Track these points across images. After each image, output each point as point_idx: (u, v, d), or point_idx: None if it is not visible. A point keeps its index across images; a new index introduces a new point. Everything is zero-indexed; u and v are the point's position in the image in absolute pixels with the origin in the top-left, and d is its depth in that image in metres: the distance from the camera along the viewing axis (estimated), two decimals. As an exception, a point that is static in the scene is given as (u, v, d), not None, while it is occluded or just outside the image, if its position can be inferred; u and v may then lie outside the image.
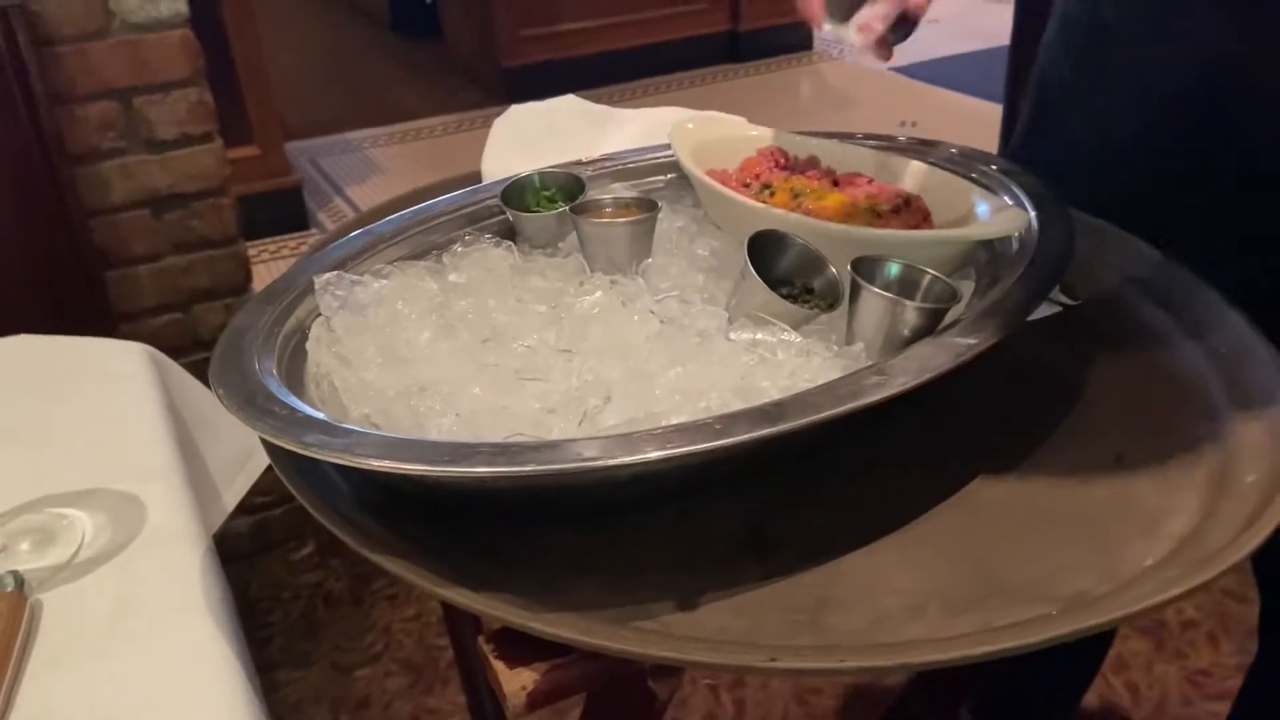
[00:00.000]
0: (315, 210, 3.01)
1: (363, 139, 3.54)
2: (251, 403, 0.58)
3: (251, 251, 2.01)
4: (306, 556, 1.72)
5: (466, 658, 0.82)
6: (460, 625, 0.78)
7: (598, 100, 1.07)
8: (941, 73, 3.55)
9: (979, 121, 2.98)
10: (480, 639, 0.54)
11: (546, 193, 0.82)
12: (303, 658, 1.59)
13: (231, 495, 0.85)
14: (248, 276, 1.62)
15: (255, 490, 0.89)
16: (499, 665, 0.52)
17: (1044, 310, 0.74)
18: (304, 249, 2.75)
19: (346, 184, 3.23)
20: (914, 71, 3.60)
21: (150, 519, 0.66)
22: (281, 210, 2.77)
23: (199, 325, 1.57)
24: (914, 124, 3.21)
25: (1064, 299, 0.76)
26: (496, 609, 0.50)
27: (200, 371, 0.96)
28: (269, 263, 2.71)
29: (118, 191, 1.47)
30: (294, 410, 0.57)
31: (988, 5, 4.16)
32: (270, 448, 0.58)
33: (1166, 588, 0.49)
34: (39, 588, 0.60)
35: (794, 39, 4.10)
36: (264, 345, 0.64)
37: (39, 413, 0.77)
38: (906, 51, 0.72)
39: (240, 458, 0.86)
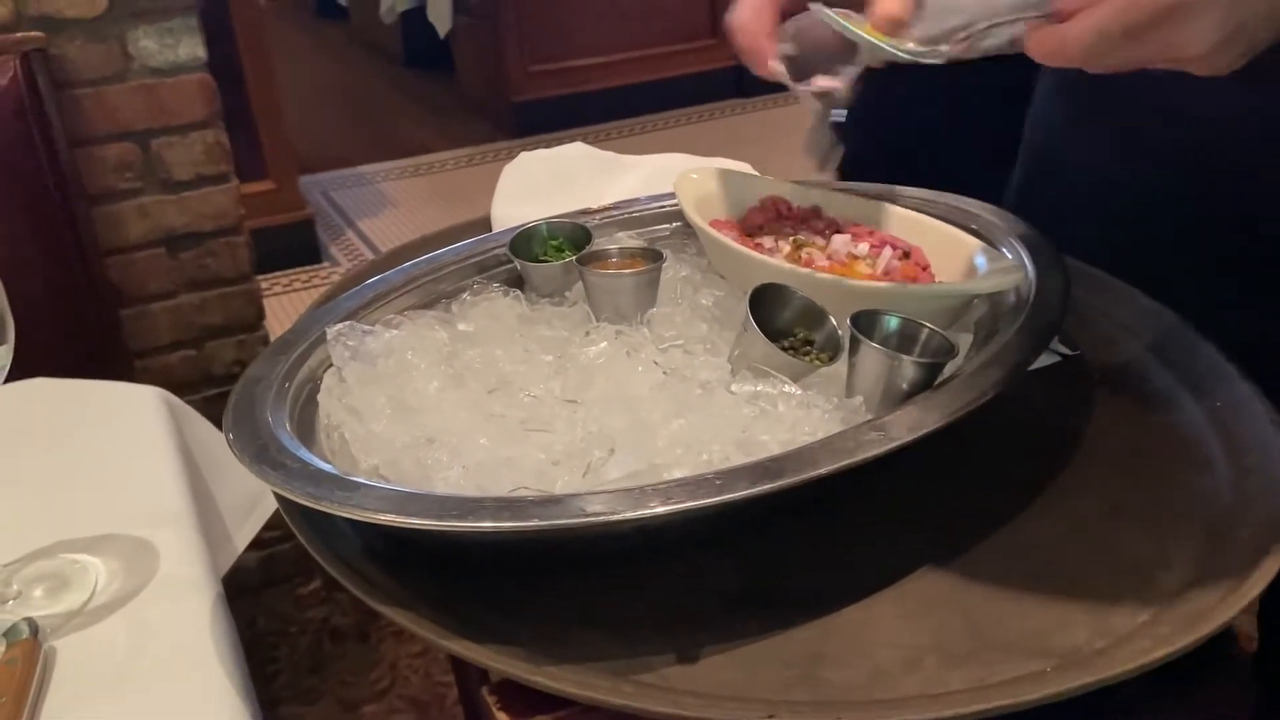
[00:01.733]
0: (327, 243, 3.05)
1: (375, 172, 3.58)
2: (263, 455, 0.59)
3: (264, 284, 2.04)
4: (313, 591, 1.73)
5: (471, 701, 0.83)
6: (465, 669, 0.79)
7: (606, 134, 1.10)
8: (948, 109, 3.57)
9: (985, 158, 2.99)
10: (484, 690, 0.55)
11: (554, 241, 0.84)
12: (308, 693, 1.60)
13: (242, 537, 0.87)
14: (260, 313, 1.64)
15: (264, 525, 0.90)
16: (502, 717, 0.53)
17: (1042, 360, 0.75)
18: (316, 281, 2.79)
19: (358, 217, 3.27)
20: (921, 107, 3.62)
21: (162, 565, 0.67)
22: (294, 243, 2.81)
23: (211, 362, 1.59)
24: (921, 160, 3.23)
25: (1062, 349, 0.77)
26: (500, 662, 0.51)
27: (212, 406, 0.97)
28: (280, 296, 2.74)
29: (134, 231, 1.50)
30: (305, 463, 0.58)
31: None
32: (281, 498, 0.60)
33: (1159, 646, 0.50)
34: (53, 634, 0.61)
35: (802, 75, 4.14)
36: (277, 396, 0.65)
37: (54, 457, 0.79)
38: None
39: (251, 501, 0.87)
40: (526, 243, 0.83)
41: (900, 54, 0.64)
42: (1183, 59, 0.53)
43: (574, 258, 0.78)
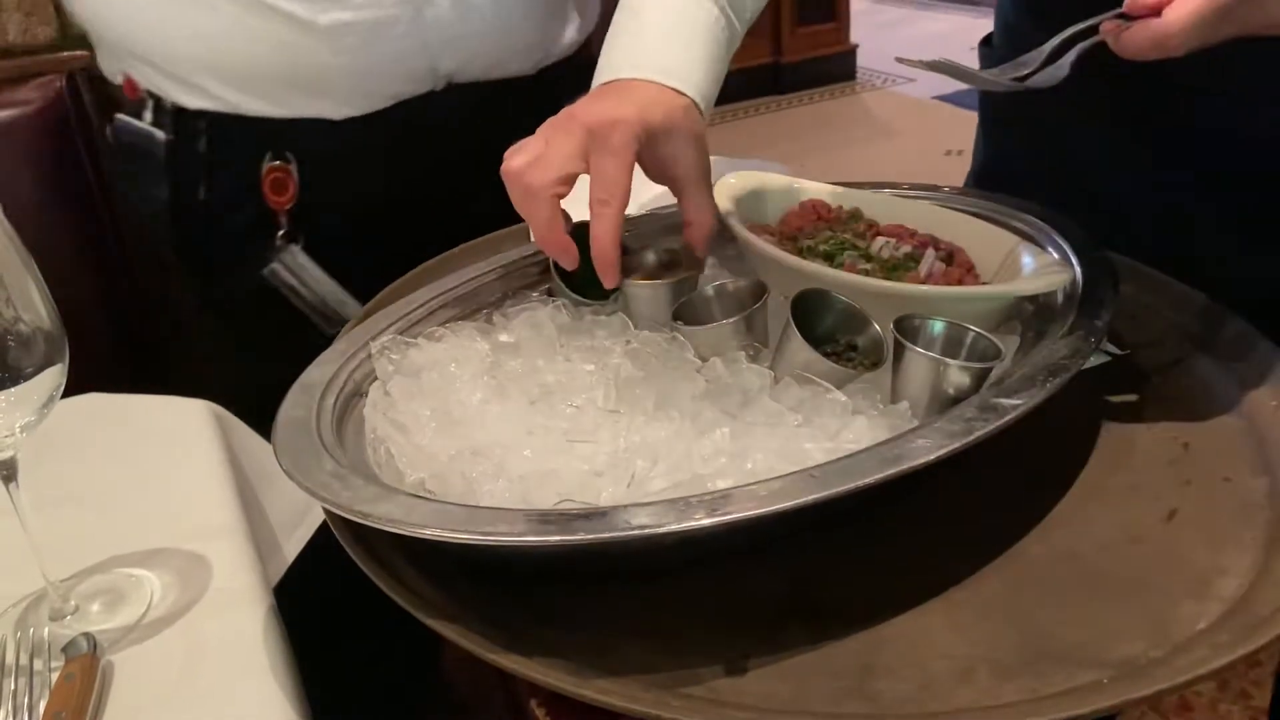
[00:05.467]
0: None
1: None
2: (311, 470, 0.60)
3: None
4: (361, 596, 1.75)
5: (519, 708, 0.83)
6: (513, 677, 0.79)
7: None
8: (987, 100, 3.54)
9: (1026, 149, 2.96)
10: (533, 702, 0.56)
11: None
12: (358, 697, 1.61)
13: (292, 547, 0.87)
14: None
15: (317, 531, 0.91)
16: (551, 730, 0.53)
17: (1092, 361, 0.74)
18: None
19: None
20: (959, 99, 3.59)
21: (215, 578, 0.68)
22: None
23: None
24: (960, 153, 3.20)
25: (1112, 349, 0.76)
26: (548, 675, 0.51)
27: (260, 418, 0.98)
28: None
29: (180, 244, 1.51)
30: (352, 478, 0.58)
31: (1033, 31, 4.12)
32: (329, 512, 0.60)
33: (1219, 654, 0.49)
34: (110, 648, 0.62)
35: (836, 69, 4.12)
36: (324, 410, 0.66)
37: (107, 472, 0.80)
38: (951, 80, 0.73)
39: (300, 510, 0.88)
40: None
41: (1004, 85, 0.65)
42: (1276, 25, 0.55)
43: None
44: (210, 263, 1.07)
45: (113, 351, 1.38)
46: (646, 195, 0.99)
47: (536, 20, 1.01)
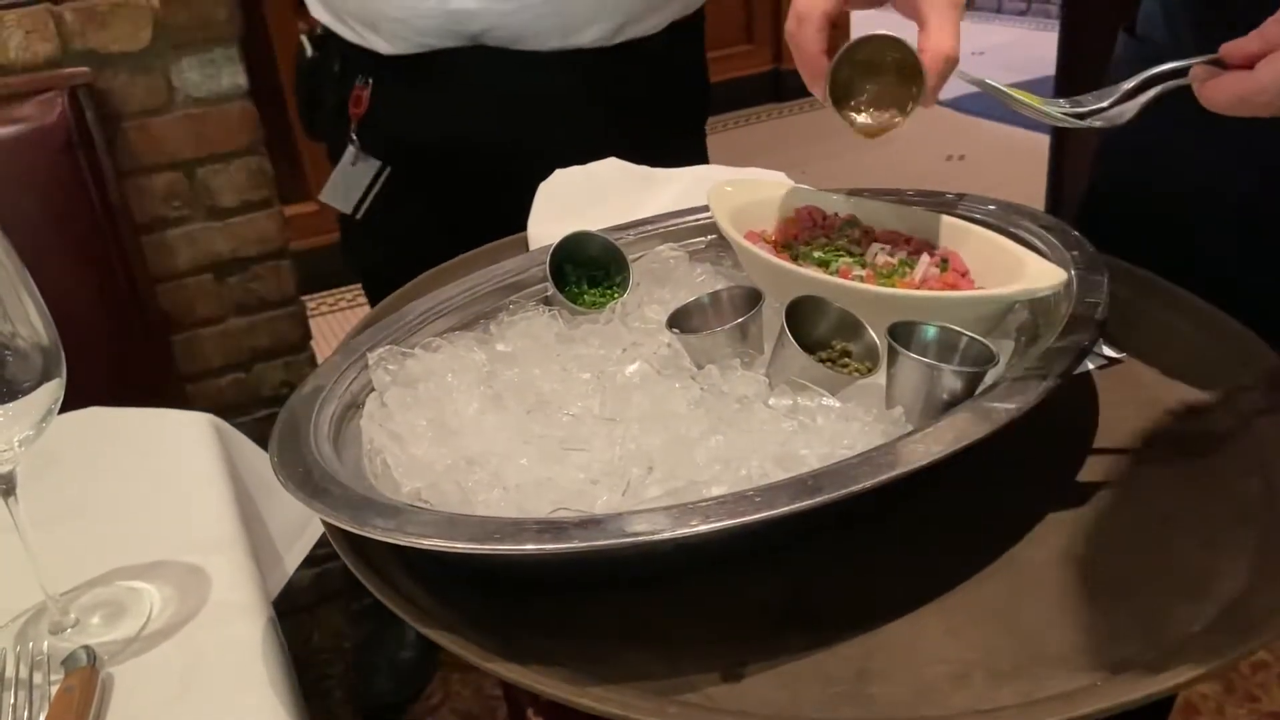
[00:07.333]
0: (370, 262, 3.07)
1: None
2: (308, 482, 0.60)
3: (309, 305, 2.07)
4: (367, 608, 1.75)
5: (520, 717, 0.83)
6: (514, 687, 0.79)
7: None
8: (987, 105, 3.54)
9: (1026, 153, 2.97)
10: (530, 710, 0.56)
11: (589, 287, 0.84)
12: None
13: (292, 559, 0.88)
14: (306, 334, 1.67)
15: (318, 543, 0.92)
16: (548, 738, 0.53)
17: (1088, 364, 0.74)
18: (360, 301, 2.83)
19: (400, 235, 3.29)
20: (959, 104, 3.60)
21: (214, 590, 0.69)
22: (338, 263, 2.83)
23: (261, 384, 1.62)
24: (961, 157, 3.20)
25: (1108, 352, 0.76)
26: (544, 684, 0.52)
27: (262, 428, 0.99)
28: (326, 316, 2.78)
29: (183, 258, 1.53)
30: (348, 489, 0.59)
31: (1032, 35, 4.14)
32: (327, 523, 0.61)
33: (1212, 656, 0.49)
34: (110, 661, 0.62)
35: (838, 76, 4.11)
36: (320, 422, 0.66)
37: (108, 486, 0.81)
38: (951, 85, 0.73)
39: (301, 522, 0.88)
40: (563, 274, 0.83)
41: (1061, 119, 0.64)
42: None
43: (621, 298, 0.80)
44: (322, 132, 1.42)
45: (114, 366, 1.39)
46: (658, 202, 1.00)
47: (561, 9, 1.19)
